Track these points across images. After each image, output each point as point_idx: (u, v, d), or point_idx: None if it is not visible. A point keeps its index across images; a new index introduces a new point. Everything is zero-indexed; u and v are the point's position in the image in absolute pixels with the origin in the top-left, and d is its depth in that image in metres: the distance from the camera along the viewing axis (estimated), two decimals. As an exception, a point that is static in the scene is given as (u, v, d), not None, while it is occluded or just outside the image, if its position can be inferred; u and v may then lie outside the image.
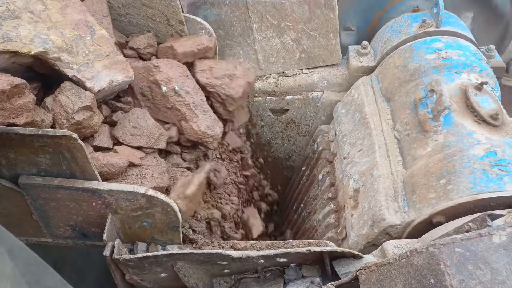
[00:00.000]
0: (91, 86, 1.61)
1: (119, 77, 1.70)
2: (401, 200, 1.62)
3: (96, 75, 1.64)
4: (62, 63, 1.59)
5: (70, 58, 1.60)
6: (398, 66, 2.02)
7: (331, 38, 2.30)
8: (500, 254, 0.87)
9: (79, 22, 1.71)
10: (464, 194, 1.42)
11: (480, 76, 1.84)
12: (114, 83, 1.68)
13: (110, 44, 1.75)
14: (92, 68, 1.65)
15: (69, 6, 1.72)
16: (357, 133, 2.02)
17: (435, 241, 0.93)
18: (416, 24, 2.15)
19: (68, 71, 1.59)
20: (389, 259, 1.03)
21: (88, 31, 1.71)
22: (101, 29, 1.76)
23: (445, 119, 1.67)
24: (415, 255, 0.95)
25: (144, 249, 1.53)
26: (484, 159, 1.48)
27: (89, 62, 1.65)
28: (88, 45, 1.69)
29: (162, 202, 1.39)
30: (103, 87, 1.64)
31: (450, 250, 0.90)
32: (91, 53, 1.67)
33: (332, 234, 1.92)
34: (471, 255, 0.89)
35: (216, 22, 2.31)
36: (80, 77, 1.60)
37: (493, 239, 0.89)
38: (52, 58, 1.57)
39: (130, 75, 1.75)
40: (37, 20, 1.59)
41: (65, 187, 1.36)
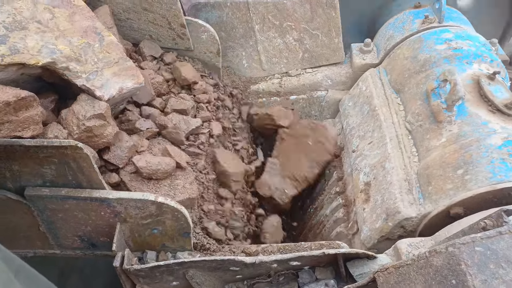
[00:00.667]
0: (100, 94, 1.59)
1: (129, 84, 1.68)
2: (416, 192, 1.60)
3: (105, 83, 1.62)
4: (71, 73, 1.57)
5: (78, 67, 1.58)
6: (407, 57, 2.00)
7: (333, 37, 2.28)
8: (523, 252, 0.85)
9: (87, 29, 1.69)
10: (483, 184, 1.40)
11: (491, 66, 1.82)
12: (124, 90, 1.66)
13: (119, 50, 1.72)
14: (101, 76, 1.62)
15: (77, 13, 1.70)
16: (366, 126, 2.00)
17: (454, 240, 0.90)
18: (419, 20, 2.13)
19: (77, 80, 1.57)
20: (407, 260, 1.01)
21: (97, 38, 1.69)
22: (110, 35, 1.74)
23: (459, 109, 1.65)
24: (435, 255, 0.93)
25: (154, 258, 1.51)
26: (502, 148, 1.45)
27: (98, 70, 1.63)
28: (97, 52, 1.67)
29: (173, 208, 1.37)
30: (113, 95, 1.62)
31: (471, 249, 0.87)
32: (100, 61, 1.65)
33: (342, 229, 1.90)
34: (492, 254, 0.86)
35: (217, 24, 2.30)
36: (89, 86, 1.58)
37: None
38: (60, 68, 1.55)
39: (140, 81, 1.72)
40: (44, 30, 1.57)
41: (73, 197, 1.33)
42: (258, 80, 2.44)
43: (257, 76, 2.44)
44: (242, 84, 2.44)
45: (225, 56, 2.39)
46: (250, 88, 2.43)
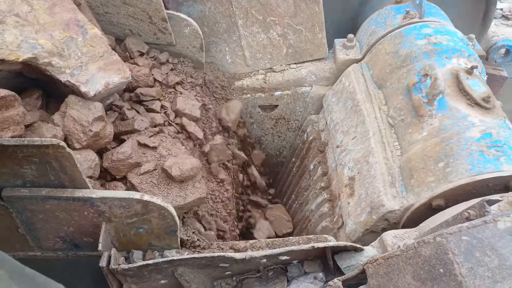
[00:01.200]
0: (86, 90, 1.54)
1: (115, 78, 1.62)
2: (399, 185, 1.63)
3: (91, 78, 1.56)
4: (54, 68, 1.50)
5: (62, 62, 1.52)
6: (389, 53, 2.03)
7: (317, 32, 2.29)
8: (506, 240, 0.88)
9: (69, 21, 1.61)
10: (464, 176, 1.44)
11: (469, 61, 1.87)
12: (111, 85, 1.61)
13: (103, 43, 1.66)
14: (86, 71, 1.57)
15: (57, 4, 1.61)
16: (349, 121, 2.02)
17: (442, 231, 0.93)
18: (400, 15, 2.16)
19: (60, 76, 1.51)
20: (396, 250, 1.02)
21: (80, 31, 1.62)
22: (93, 27, 1.67)
23: (439, 103, 1.69)
24: (423, 245, 0.95)
25: (141, 257, 1.48)
26: (480, 140, 1.50)
27: (83, 65, 1.57)
28: (80, 46, 1.60)
29: (159, 206, 1.35)
30: (99, 91, 1.56)
31: (457, 238, 0.90)
32: (84, 55, 1.59)
33: (327, 223, 1.92)
34: (478, 243, 0.89)
35: (200, 19, 2.26)
36: (74, 81, 1.52)
37: (498, 226, 0.90)
38: (42, 64, 1.49)
39: (127, 75, 1.67)
40: (23, 24, 1.50)
41: (55, 197, 1.29)
42: (242, 76, 2.42)
43: (241, 72, 2.42)
44: (226, 80, 2.41)
45: (208, 51, 2.36)
46: (234, 84, 2.41)
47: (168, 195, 1.56)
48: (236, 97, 2.42)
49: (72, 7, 1.67)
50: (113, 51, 1.69)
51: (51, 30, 1.56)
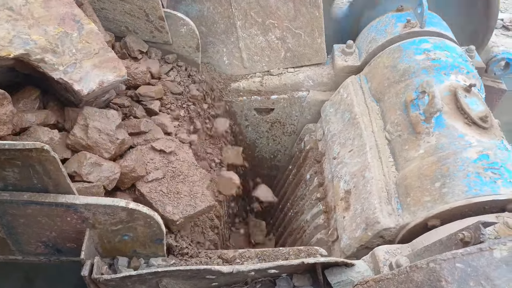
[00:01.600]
0: (79, 88, 1.49)
1: (110, 76, 1.57)
2: (395, 203, 1.60)
3: (84, 76, 1.51)
4: (47, 65, 1.45)
5: (55, 59, 1.46)
6: (387, 66, 1.99)
7: (316, 37, 2.25)
8: (502, 270, 0.85)
9: (65, 16, 1.55)
10: (460, 198, 1.41)
11: (467, 78, 1.83)
12: (105, 84, 1.55)
13: (99, 40, 1.60)
14: (80, 69, 1.51)
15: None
16: (346, 133, 1.98)
17: (435, 256, 0.89)
18: (401, 24, 2.12)
19: (53, 73, 1.46)
20: (388, 274, 0.99)
21: (75, 26, 1.56)
22: (90, 23, 1.60)
23: (437, 121, 1.66)
24: (415, 270, 0.92)
25: (125, 264, 1.44)
26: (477, 162, 1.47)
27: (77, 62, 1.52)
28: (75, 42, 1.54)
29: (145, 215, 1.30)
30: (92, 89, 1.51)
31: (451, 265, 0.87)
32: (78, 52, 1.53)
33: (322, 235, 1.88)
34: (472, 271, 0.86)
35: (198, 19, 2.21)
36: (67, 79, 1.47)
37: (494, 254, 0.86)
38: (35, 60, 1.43)
39: (123, 73, 1.61)
40: (16, 18, 1.44)
41: (37, 202, 1.24)
42: (238, 78, 2.38)
43: (238, 73, 2.38)
44: (222, 81, 2.37)
45: (205, 52, 2.31)
46: (230, 86, 2.37)
47: (178, 204, 1.53)
48: (232, 99, 2.38)
49: (68, 1, 1.60)
50: (109, 48, 1.64)
51: (46, 24, 1.50)
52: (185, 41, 2.11)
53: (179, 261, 1.51)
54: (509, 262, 0.87)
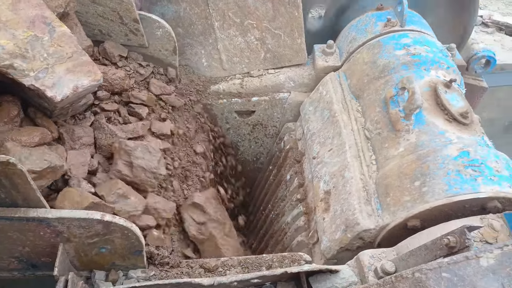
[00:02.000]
0: (52, 95, 1.42)
1: (85, 81, 1.50)
2: (375, 203, 1.57)
3: (57, 82, 1.44)
4: (16, 71, 1.38)
5: (25, 65, 1.39)
6: (367, 62, 1.97)
7: (296, 37, 2.22)
8: (488, 278, 0.83)
9: (35, 18, 1.47)
10: (440, 197, 1.39)
11: (447, 73, 1.83)
12: (80, 89, 1.48)
13: (72, 43, 1.52)
14: (52, 74, 1.44)
15: (22, 0, 1.48)
16: (326, 132, 1.96)
17: (421, 266, 0.87)
18: (381, 23, 2.11)
19: (24, 80, 1.39)
20: (373, 284, 0.97)
21: (46, 29, 1.48)
22: (62, 25, 1.53)
23: (417, 118, 1.64)
24: (401, 280, 0.89)
25: (103, 278, 1.38)
26: (457, 159, 1.46)
27: (49, 67, 1.44)
28: (47, 46, 1.47)
29: (122, 227, 1.25)
30: (66, 95, 1.44)
31: (437, 275, 0.85)
32: (50, 56, 1.46)
33: (303, 238, 1.86)
34: (459, 280, 0.84)
35: (174, 20, 2.15)
36: (39, 85, 1.40)
37: (480, 263, 0.85)
38: (3, 66, 1.37)
39: (98, 77, 1.54)
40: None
41: (6, 217, 1.17)
42: (218, 80, 2.33)
43: (217, 75, 2.33)
44: (202, 84, 2.32)
45: (183, 54, 2.25)
46: (210, 88, 2.32)
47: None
48: (212, 102, 2.33)
49: (38, 2, 1.52)
50: (83, 51, 1.56)
51: (14, 28, 1.43)
52: (161, 44, 2.05)
53: (159, 272, 1.45)
54: (496, 270, 0.85)
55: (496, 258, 0.85)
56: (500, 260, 0.84)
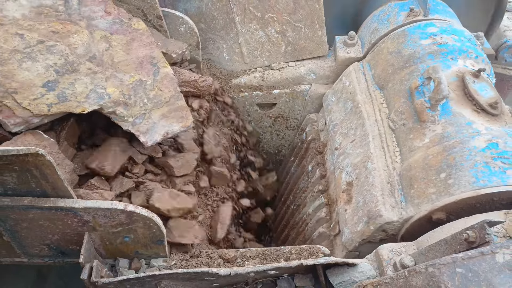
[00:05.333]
0: (144, 140, 1.52)
1: (176, 127, 1.57)
2: (398, 195, 1.55)
3: (151, 128, 1.53)
4: (117, 117, 1.49)
5: (125, 112, 1.50)
6: (391, 52, 1.93)
7: (317, 29, 2.20)
8: (504, 275, 0.81)
9: (144, 59, 1.57)
10: (467, 189, 1.35)
11: (476, 63, 1.76)
12: (170, 135, 1.57)
13: (172, 86, 1.61)
14: (148, 120, 1.54)
15: (136, 39, 1.58)
16: (349, 123, 1.93)
17: (435, 260, 0.86)
18: (404, 12, 2.05)
19: (122, 124, 1.50)
20: (386, 278, 0.96)
21: (151, 71, 1.58)
22: (166, 66, 1.62)
23: (443, 108, 1.59)
24: (414, 275, 0.89)
25: (127, 265, 1.45)
26: (485, 151, 1.40)
27: (146, 113, 1.54)
28: (148, 90, 1.56)
29: (144, 217, 1.30)
30: (156, 141, 1.53)
31: (451, 270, 0.83)
32: (149, 101, 1.55)
33: (324, 229, 1.85)
34: (473, 276, 0.82)
35: (197, 16, 2.19)
36: (134, 131, 1.50)
37: (496, 258, 0.82)
38: (107, 113, 1.48)
39: (188, 124, 1.60)
40: (95, 71, 1.47)
41: (37, 207, 1.25)
42: (239, 74, 2.35)
43: (238, 69, 2.35)
44: (223, 77, 2.35)
45: (205, 48, 2.29)
46: (231, 81, 2.34)
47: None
48: (234, 95, 2.35)
49: (149, 41, 1.62)
50: (180, 95, 1.63)
51: (123, 71, 1.53)
52: (185, 40, 2.09)
53: (180, 262, 1.51)
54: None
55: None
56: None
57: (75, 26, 1.47)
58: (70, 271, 2.54)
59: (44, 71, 1.39)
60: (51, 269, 2.55)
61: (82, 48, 1.46)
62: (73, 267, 2.52)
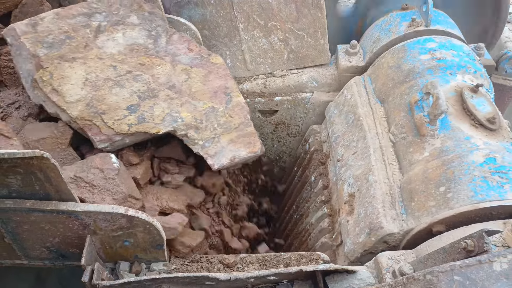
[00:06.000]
0: (211, 163, 1.61)
1: (243, 152, 1.64)
2: (399, 207, 1.56)
3: (219, 151, 1.62)
4: (188, 139, 1.61)
5: (196, 135, 1.62)
6: (391, 67, 1.96)
7: (319, 38, 2.22)
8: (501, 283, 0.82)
9: (218, 89, 1.70)
10: (465, 203, 1.37)
11: (475, 78, 1.78)
12: (236, 160, 1.63)
13: (242, 113, 1.70)
14: (217, 144, 1.63)
15: (213, 72, 1.71)
16: (350, 135, 1.96)
17: (433, 268, 0.87)
18: (406, 23, 2.08)
19: (193, 147, 1.62)
20: (385, 285, 0.97)
21: (224, 100, 1.69)
22: (238, 95, 1.73)
23: (442, 123, 1.61)
24: (412, 282, 0.90)
25: (127, 269, 1.45)
26: (484, 165, 1.42)
27: (215, 137, 1.64)
28: (220, 116, 1.67)
29: (144, 221, 1.31)
30: (223, 165, 1.61)
31: (449, 278, 0.84)
32: (220, 126, 1.66)
33: (326, 239, 1.86)
34: (471, 284, 0.83)
35: (201, 23, 2.21)
36: (203, 153, 1.61)
37: (493, 267, 0.83)
38: (179, 135, 1.61)
39: (256, 149, 1.66)
40: (173, 97, 1.62)
41: (39, 209, 1.26)
42: (242, 80, 2.37)
43: (241, 76, 2.37)
44: (226, 84, 2.37)
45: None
46: (233, 88, 2.36)
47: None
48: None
49: (225, 73, 1.75)
50: (250, 122, 1.70)
51: (198, 99, 1.67)
52: (188, 45, 2.12)
53: (180, 266, 1.51)
54: (510, 275, 0.83)
55: (509, 262, 0.83)
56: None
57: (160, 60, 1.67)
58: (68, 275, 2.54)
59: (129, 96, 1.59)
60: (50, 272, 2.55)
61: (163, 78, 1.64)
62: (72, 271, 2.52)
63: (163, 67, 1.66)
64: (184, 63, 1.71)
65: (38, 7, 1.79)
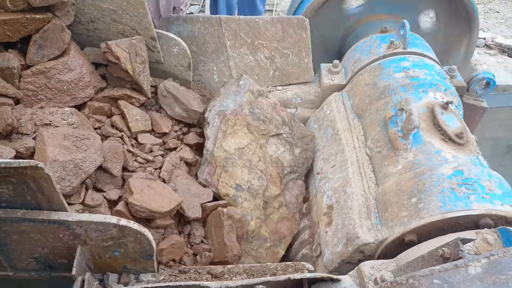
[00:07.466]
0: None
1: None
2: (374, 218, 1.65)
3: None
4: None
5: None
6: (368, 84, 2.08)
7: (303, 57, 2.33)
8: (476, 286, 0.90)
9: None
10: (435, 213, 1.46)
11: (445, 95, 1.92)
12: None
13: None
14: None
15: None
16: (329, 149, 2.05)
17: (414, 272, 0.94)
18: (385, 44, 2.22)
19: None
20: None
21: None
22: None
23: (414, 137, 1.73)
24: (396, 286, 0.97)
25: (116, 280, 1.46)
26: (452, 177, 1.53)
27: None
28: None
29: (136, 231, 1.33)
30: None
31: (429, 281, 0.92)
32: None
33: (307, 251, 1.92)
34: (449, 287, 0.91)
35: (189, 38, 2.28)
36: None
37: (469, 270, 0.92)
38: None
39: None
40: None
41: (30, 219, 1.26)
42: (228, 95, 2.44)
43: (228, 91, 2.44)
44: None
45: (196, 70, 2.37)
46: (220, 103, 2.42)
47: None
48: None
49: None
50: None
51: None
52: (177, 61, 2.17)
53: (168, 277, 1.53)
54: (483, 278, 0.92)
55: (483, 266, 0.91)
56: (487, 268, 0.91)
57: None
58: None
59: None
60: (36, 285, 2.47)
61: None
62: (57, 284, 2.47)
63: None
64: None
65: (59, 33, 1.79)
